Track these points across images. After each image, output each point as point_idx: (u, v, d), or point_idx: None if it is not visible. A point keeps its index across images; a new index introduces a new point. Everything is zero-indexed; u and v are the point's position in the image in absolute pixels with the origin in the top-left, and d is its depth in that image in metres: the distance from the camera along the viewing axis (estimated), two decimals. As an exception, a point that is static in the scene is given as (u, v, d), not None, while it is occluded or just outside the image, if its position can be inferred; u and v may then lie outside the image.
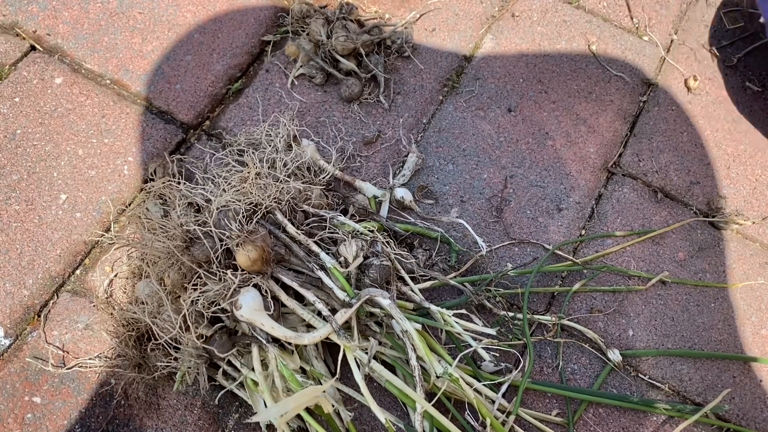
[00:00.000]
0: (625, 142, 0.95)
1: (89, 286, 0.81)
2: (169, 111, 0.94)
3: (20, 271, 0.82)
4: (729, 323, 0.83)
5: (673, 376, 0.79)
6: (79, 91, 0.94)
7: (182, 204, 0.77)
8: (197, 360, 0.69)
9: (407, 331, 0.67)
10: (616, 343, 0.81)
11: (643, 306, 0.83)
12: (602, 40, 1.03)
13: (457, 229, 0.87)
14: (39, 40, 0.98)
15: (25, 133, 0.91)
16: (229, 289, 0.67)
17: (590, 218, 0.89)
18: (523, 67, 1.00)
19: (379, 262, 0.73)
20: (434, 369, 0.68)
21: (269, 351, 0.68)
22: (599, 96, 0.98)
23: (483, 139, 0.94)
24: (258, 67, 0.99)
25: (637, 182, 0.92)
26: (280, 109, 0.94)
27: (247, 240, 0.68)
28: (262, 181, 0.75)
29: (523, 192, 0.90)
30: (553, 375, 0.79)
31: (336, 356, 0.73)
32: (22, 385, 0.76)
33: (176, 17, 1.01)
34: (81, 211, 0.86)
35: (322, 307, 0.68)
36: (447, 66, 0.99)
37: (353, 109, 0.95)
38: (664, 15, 1.07)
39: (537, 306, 0.83)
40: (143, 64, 0.97)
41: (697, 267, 0.86)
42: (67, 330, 0.79)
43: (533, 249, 0.86)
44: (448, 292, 0.82)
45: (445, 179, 0.91)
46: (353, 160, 0.91)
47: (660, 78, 1.00)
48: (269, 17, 1.02)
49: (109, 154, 0.90)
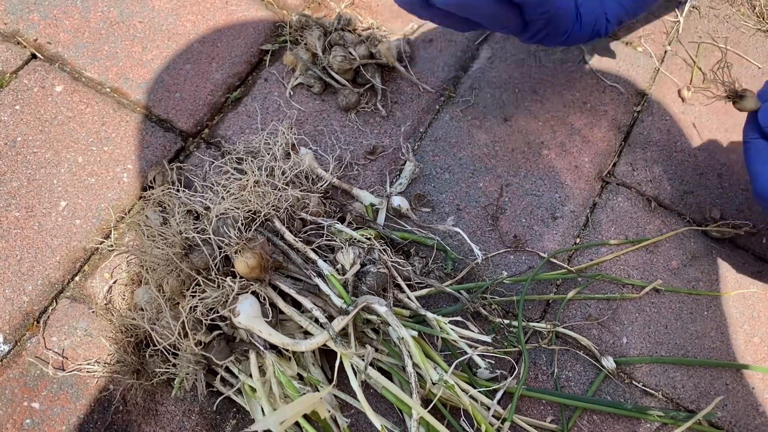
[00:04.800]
0: (620, 151, 0.96)
1: (88, 292, 0.82)
2: (169, 119, 0.95)
3: (20, 278, 0.82)
4: (722, 331, 0.84)
5: (667, 383, 0.80)
6: (79, 99, 0.95)
7: (181, 211, 0.78)
8: (195, 366, 0.70)
9: (404, 338, 0.68)
10: (610, 350, 0.82)
11: (636, 314, 0.84)
12: (597, 51, 1.05)
13: (453, 237, 0.88)
14: (40, 48, 0.99)
15: (26, 141, 0.91)
16: (227, 296, 0.68)
17: (585, 227, 0.90)
18: (519, 77, 1.01)
19: (376, 269, 0.73)
20: (430, 376, 0.68)
21: (267, 358, 0.69)
22: (594, 106, 0.99)
23: (479, 148, 0.95)
24: (257, 76, 1.00)
25: (631, 191, 0.93)
26: (279, 118, 0.95)
27: (246, 247, 0.69)
28: (260, 189, 0.76)
29: (519, 200, 0.91)
30: (547, 382, 0.79)
31: (333, 362, 0.74)
32: (20, 390, 0.76)
33: (176, 26, 1.02)
34: (80, 218, 0.86)
35: (319, 315, 0.69)
36: (443, 76, 1.01)
37: (351, 118, 0.96)
38: (658, 26, 1.08)
39: (532, 313, 0.83)
40: (143, 73, 0.98)
41: (690, 275, 0.87)
42: (66, 336, 0.79)
43: (528, 257, 0.87)
44: (444, 299, 0.83)
45: (442, 187, 0.92)
46: (351, 168, 0.92)
47: (654, 89, 1.02)
48: (268, 27, 1.04)
49: (108, 161, 0.91)
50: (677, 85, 1.02)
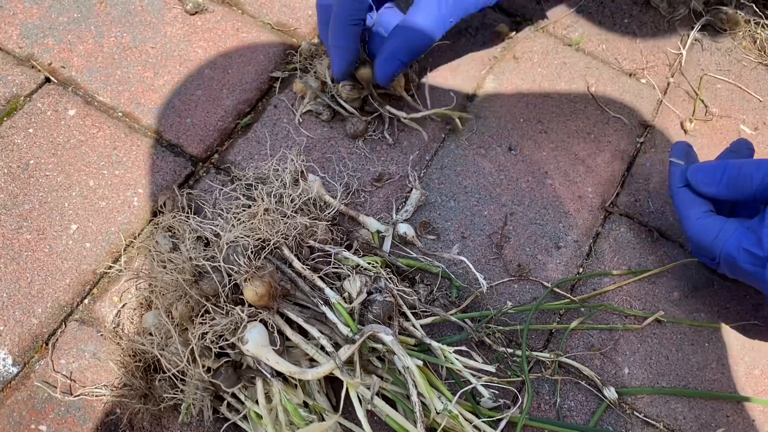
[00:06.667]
0: (622, 182, 0.97)
1: (97, 315, 0.83)
2: (179, 144, 0.96)
3: (30, 300, 0.83)
4: (723, 363, 0.84)
5: (668, 414, 0.81)
6: (91, 123, 0.97)
7: (191, 238, 0.79)
8: (203, 393, 0.71)
9: (409, 367, 0.69)
10: (612, 380, 0.82)
11: (638, 344, 0.85)
12: (601, 82, 1.07)
13: (458, 265, 0.89)
14: (54, 72, 1.01)
15: (38, 164, 0.93)
16: (236, 323, 0.69)
17: (588, 256, 0.91)
18: (524, 107, 1.03)
19: (383, 298, 0.74)
20: (434, 405, 0.69)
21: (273, 385, 0.70)
22: (597, 137, 1.01)
23: (484, 176, 0.96)
24: (266, 103, 1.02)
25: (634, 222, 0.94)
26: (288, 145, 0.97)
27: (255, 275, 0.70)
28: (270, 217, 0.77)
29: (523, 229, 0.92)
30: (550, 411, 0.80)
31: (338, 389, 0.75)
32: (28, 413, 0.77)
33: (188, 52, 1.04)
34: (91, 241, 0.88)
35: (326, 343, 0.70)
36: (450, 105, 1.02)
37: (358, 145, 0.98)
38: (662, 58, 1.10)
39: (535, 343, 0.84)
40: (155, 98, 1.00)
41: (691, 306, 0.88)
42: (75, 359, 0.80)
43: (532, 286, 0.88)
44: (448, 327, 0.84)
45: (447, 215, 0.93)
46: (358, 195, 0.94)
47: (657, 120, 1.03)
48: (278, 54, 1.06)
49: (119, 185, 0.92)
50: (680, 117, 1.04)
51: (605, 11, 1.15)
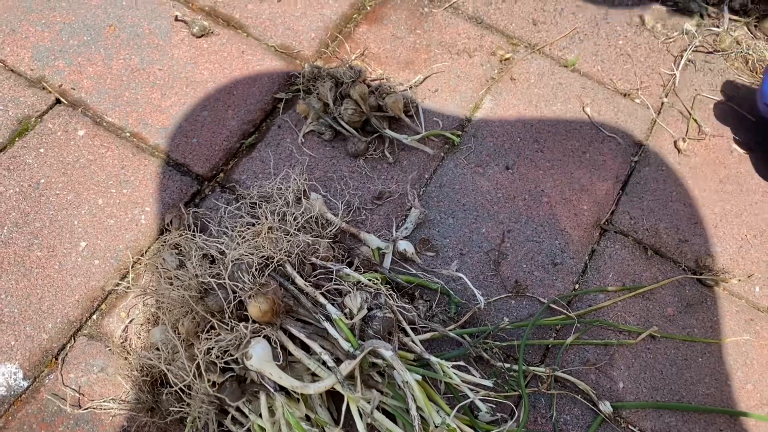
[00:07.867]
0: (617, 200, 1.00)
1: (105, 331, 0.86)
2: (186, 163, 0.99)
3: (40, 315, 0.86)
4: (716, 378, 0.86)
5: (662, 428, 0.82)
6: (100, 143, 1.00)
7: (197, 255, 0.81)
8: (208, 406, 0.73)
9: (408, 382, 0.71)
10: (607, 394, 0.84)
11: (633, 359, 0.87)
12: (596, 102, 1.09)
13: (456, 281, 0.91)
14: (64, 93, 1.04)
15: (49, 183, 0.96)
16: (240, 339, 0.71)
17: (583, 273, 0.93)
18: (521, 127, 1.06)
19: (383, 314, 0.77)
20: (433, 419, 0.71)
21: (276, 399, 0.72)
22: (593, 156, 1.03)
23: (482, 195, 0.99)
24: (270, 123, 1.04)
25: (629, 239, 0.96)
26: (291, 164, 1.00)
27: (259, 292, 0.72)
28: (273, 235, 0.80)
29: (520, 246, 0.95)
30: (546, 425, 0.82)
31: (339, 403, 0.76)
32: (39, 426, 0.79)
33: (194, 74, 1.08)
34: (99, 258, 0.90)
35: (327, 358, 0.72)
36: (448, 125, 1.05)
37: (359, 164, 1.01)
38: (655, 79, 1.13)
39: (532, 358, 0.86)
40: (162, 119, 1.03)
41: (685, 322, 0.90)
42: (84, 373, 0.83)
43: (529, 302, 0.90)
44: (447, 342, 0.86)
45: (446, 232, 0.95)
46: (359, 213, 0.96)
47: (651, 139, 1.06)
48: (282, 76, 1.09)
49: (127, 204, 0.95)
50: (673, 136, 1.06)
51: (600, 33, 1.18)
